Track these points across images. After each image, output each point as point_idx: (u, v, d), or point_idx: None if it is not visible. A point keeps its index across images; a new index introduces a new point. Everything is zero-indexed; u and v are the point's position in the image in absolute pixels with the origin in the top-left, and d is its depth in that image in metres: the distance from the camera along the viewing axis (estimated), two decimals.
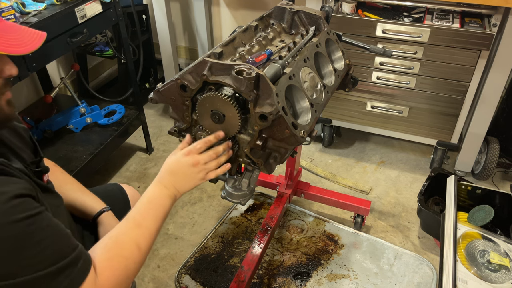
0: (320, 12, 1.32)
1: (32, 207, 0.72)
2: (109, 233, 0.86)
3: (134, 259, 0.84)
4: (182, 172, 0.95)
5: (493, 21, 1.74)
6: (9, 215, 0.68)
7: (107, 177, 2.23)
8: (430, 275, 1.71)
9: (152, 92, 1.06)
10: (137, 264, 0.85)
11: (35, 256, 0.69)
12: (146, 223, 0.89)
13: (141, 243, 0.86)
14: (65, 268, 0.72)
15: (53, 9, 1.60)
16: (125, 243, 0.85)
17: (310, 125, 1.04)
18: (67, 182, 1.13)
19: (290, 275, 1.71)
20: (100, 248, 0.83)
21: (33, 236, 0.70)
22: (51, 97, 1.99)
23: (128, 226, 0.88)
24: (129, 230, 0.87)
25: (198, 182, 0.98)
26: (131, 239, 0.86)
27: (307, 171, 2.27)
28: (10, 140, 0.88)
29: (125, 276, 0.83)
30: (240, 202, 1.20)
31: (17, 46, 0.75)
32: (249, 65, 0.93)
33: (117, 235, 0.86)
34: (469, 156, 2.10)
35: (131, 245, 0.85)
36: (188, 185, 0.97)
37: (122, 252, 0.83)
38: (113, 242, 0.84)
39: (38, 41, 0.78)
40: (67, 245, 0.75)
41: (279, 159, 1.05)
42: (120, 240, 0.85)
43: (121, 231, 0.87)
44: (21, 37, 0.76)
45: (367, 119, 2.19)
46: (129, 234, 0.86)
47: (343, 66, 1.32)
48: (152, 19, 2.70)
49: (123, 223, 0.88)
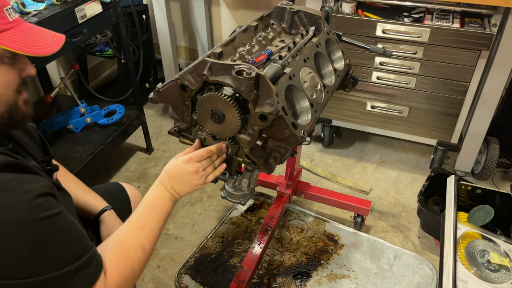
0: (320, 12, 1.32)
1: (54, 205, 0.74)
2: (113, 236, 0.88)
3: (139, 260, 0.87)
4: (180, 178, 0.97)
5: (493, 21, 1.74)
6: (34, 213, 0.69)
7: (107, 177, 2.23)
8: (430, 275, 1.71)
9: (152, 92, 1.06)
10: (142, 264, 0.88)
11: (55, 255, 0.71)
12: (149, 225, 0.91)
13: (145, 244, 0.89)
14: (80, 268, 0.74)
15: (53, 9, 1.60)
16: (130, 245, 0.87)
17: (310, 125, 1.04)
18: (70, 181, 1.14)
19: (290, 275, 1.71)
20: (106, 250, 0.84)
21: (54, 235, 0.71)
22: (51, 97, 1.99)
23: (131, 229, 0.90)
24: (132, 232, 0.89)
25: (197, 187, 1.00)
26: (135, 241, 0.88)
27: (307, 171, 2.27)
28: (22, 139, 0.90)
29: (131, 276, 0.85)
30: (240, 202, 1.20)
31: (40, 47, 0.76)
32: (249, 65, 0.93)
33: (121, 237, 0.88)
34: (469, 156, 2.10)
35: (136, 247, 0.87)
36: (187, 189, 0.99)
37: (127, 254, 0.86)
38: (118, 244, 0.86)
39: (58, 43, 0.80)
40: (84, 244, 0.78)
41: (279, 159, 1.05)
42: (125, 242, 0.87)
43: (125, 233, 0.89)
44: (42, 39, 0.79)
45: (367, 119, 2.19)
46: (133, 236, 0.88)
47: (343, 66, 1.32)
48: (152, 19, 2.70)
49: (126, 226, 0.90)
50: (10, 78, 0.76)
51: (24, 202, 0.68)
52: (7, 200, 0.67)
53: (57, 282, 0.71)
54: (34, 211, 0.69)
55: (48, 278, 0.70)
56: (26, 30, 0.77)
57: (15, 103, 0.78)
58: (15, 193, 0.68)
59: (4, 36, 0.72)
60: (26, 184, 0.71)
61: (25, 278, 0.69)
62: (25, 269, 0.69)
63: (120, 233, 0.89)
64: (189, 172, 0.96)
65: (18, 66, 0.77)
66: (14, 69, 0.76)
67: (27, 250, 0.68)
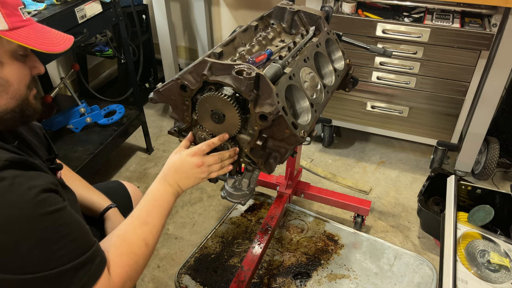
0: (320, 12, 1.32)
1: (58, 201, 0.75)
2: (115, 231, 0.89)
3: (143, 255, 0.88)
4: (185, 171, 0.98)
5: (493, 21, 1.74)
6: (39, 208, 0.70)
7: (107, 177, 2.23)
8: (430, 275, 1.71)
9: (152, 92, 1.06)
10: (146, 259, 0.89)
11: (59, 250, 0.72)
12: (152, 220, 0.92)
13: (149, 239, 0.89)
14: (84, 264, 0.75)
15: (53, 9, 1.60)
16: (134, 240, 0.87)
17: (310, 125, 1.04)
18: (74, 179, 1.15)
19: (290, 275, 1.71)
20: (109, 246, 0.85)
21: (59, 230, 0.72)
22: (51, 97, 1.99)
23: (134, 224, 0.90)
24: (136, 228, 0.90)
25: (199, 181, 1.01)
26: (139, 236, 0.88)
27: (307, 171, 2.27)
28: (28, 138, 0.91)
29: (135, 271, 0.86)
30: (240, 202, 1.20)
31: (52, 45, 0.80)
32: (249, 65, 0.93)
33: (124, 233, 0.88)
34: (469, 156, 2.10)
35: (140, 242, 0.88)
36: (190, 183, 1.00)
37: (131, 249, 0.86)
38: (121, 240, 0.87)
39: (68, 42, 0.84)
40: (88, 240, 0.78)
41: (279, 159, 1.05)
42: (128, 238, 0.88)
43: (129, 229, 0.89)
44: (54, 37, 0.82)
45: (367, 119, 2.19)
46: (136, 232, 0.89)
47: (343, 66, 1.32)
48: (152, 19, 2.70)
49: (129, 221, 0.91)
50: (22, 74, 0.79)
51: (29, 197, 0.69)
52: (13, 196, 0.68)
53: (62, 277, 0.72)
54: (39, 206, 0.70)
55: (53, 274, 0.71)
56: (38, 29, 0.80)
57: (26, 98, 0.81)
58: (20, 189, 0.69)
59: (19, 33, 0.75)
60: (31, 180, 0.72)
61: (30, 273, 0.69)
62: (30, 264, 0.69)
63: (124, 229, 0.89)
64: (194, 165, 0.97)
65: (29, 63, 0.81)
66: (26, 66, 0.80)
67: (32, 245, 0.69)
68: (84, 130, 2.06)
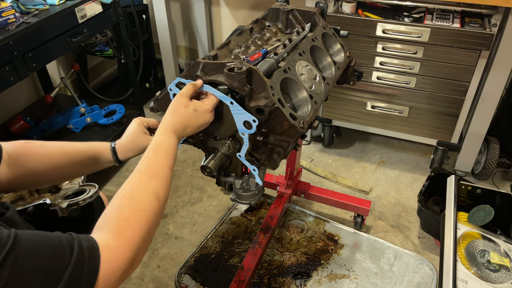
0: (315, 9, 1.32)
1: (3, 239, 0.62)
2: (119, 193, 0.80)
3: (155, 210, 0.80)
4: (179, 111, 0.93)
5: (493, 21, 1.74)
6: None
7: (107, 177, 2.23)
8: (430, 275, 1.71)
9: (152, 102, 1.08)
10: (158, 215, 0.81)
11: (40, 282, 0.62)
12: (162, 173, 0.86)
13: (160, 193, 0.82)
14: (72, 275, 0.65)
15: (53, 9, 1.60)
16: (142, 196, 0.80)
17: (311, 116, 1.04)
18: (62, 147, 1.05)
19: (290, 275, 1.71)
20: (113, 211, 0.77)
21: (24, 268, 0.61)
22: (51, 97, 2.00)
23: (142, 179, 0.83)
24: (144, 182, 0.82)
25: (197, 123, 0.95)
26: (148, 190, 0.81)
27: (307, 171, 2.27)
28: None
29: (147, 229, 0.77)
30: (249, 202, 1.19)
31: None
32: (241, 61, 0.94)
33: (130, 191, 0.81)
34: (469, 156, 2.10)
35: (150, 197, 0.80)
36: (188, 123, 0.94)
37: (140, 206, 0.78)
38: (127, 199, 0.79)
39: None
40: (59, 251, 0.66)
41: (282, 153, 1.05)
42: (136, 195, 0.80)
43: (135, 186, 0.82)
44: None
45: (367, 119, 2.19)
46: (145, 186, 0.82)
47: (343, 58, 1.32)
48: (152, 19, 2.70)
49: (134, 178, 0.83)
50: None
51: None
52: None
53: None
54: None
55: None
56: None
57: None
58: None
59: None
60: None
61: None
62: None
63: (128, 188, 0.81)
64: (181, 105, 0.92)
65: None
66: None
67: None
68: (84, 130, 2.06)
